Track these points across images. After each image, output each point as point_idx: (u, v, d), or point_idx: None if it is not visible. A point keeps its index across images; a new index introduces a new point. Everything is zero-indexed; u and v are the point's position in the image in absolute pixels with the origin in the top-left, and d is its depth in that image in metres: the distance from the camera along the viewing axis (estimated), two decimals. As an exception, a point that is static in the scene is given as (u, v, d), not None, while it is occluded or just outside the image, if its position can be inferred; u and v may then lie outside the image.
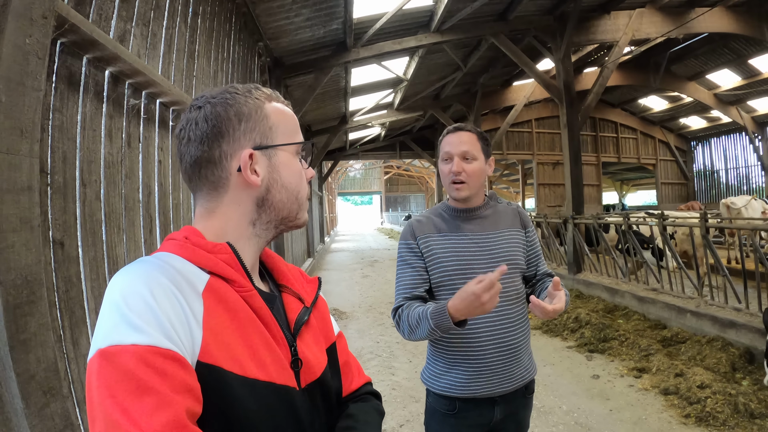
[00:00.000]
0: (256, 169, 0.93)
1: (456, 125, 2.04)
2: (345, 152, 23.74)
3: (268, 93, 1.00)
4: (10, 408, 1.69)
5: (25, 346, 1.74)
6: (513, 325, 1.93)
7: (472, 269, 1.92)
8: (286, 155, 0.99)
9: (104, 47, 2.35)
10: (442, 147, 2.03)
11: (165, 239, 0.93)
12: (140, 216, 2.98)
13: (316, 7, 7.10)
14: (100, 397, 0.67)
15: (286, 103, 1.04)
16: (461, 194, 1.97)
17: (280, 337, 0.92)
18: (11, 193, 1.69)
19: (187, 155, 0.94)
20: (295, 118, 1.04)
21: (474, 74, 14.93)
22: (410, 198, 59.30)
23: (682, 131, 23.35)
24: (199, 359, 0.77)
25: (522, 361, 1.96)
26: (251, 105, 0.95)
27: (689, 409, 4.19)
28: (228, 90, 0.96)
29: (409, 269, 2.00)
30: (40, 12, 1.81)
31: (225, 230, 0.94)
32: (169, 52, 3.48)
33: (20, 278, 1.73)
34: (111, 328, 0.71)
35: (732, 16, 11.68)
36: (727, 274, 5.98)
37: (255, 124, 0.94)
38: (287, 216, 0.99)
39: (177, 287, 0.79)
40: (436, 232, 2.01)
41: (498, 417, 1.94)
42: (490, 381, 1.89)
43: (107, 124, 2.61)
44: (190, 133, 0.93)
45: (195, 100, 0.96)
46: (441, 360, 1.99)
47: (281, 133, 0.98)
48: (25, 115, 1.74)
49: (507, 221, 2.06)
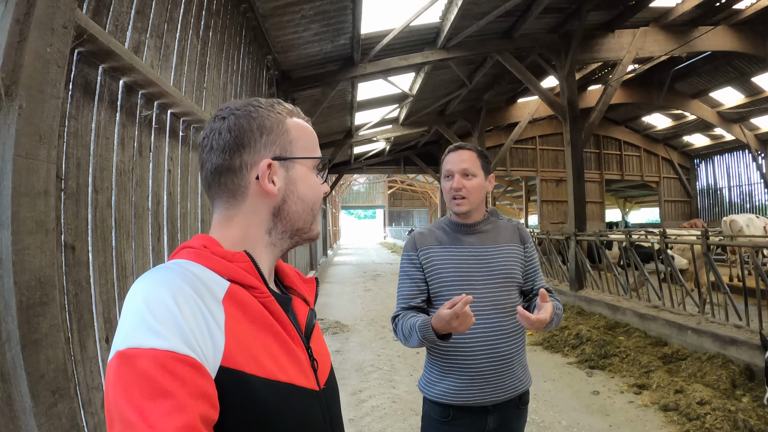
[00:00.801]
0: (274, 179, 0.96)
1: (457, 144, 2.13)
2: (349, 166, 23.79)
3: (290, 108, 1.04)
4: (19, 406, 1.72)
5: (37, 346, 1.77)
6: (506, 337, 1.98)
7: (469, 281, 2.00)
8: (304, 169, 1.01)
9: (120, 58, 2.42)
10: (444, 165, 2.12)
11: (179, 248, 0.95)
12: (149, 224, 3.04)
13: (324, 22, 7.21)
14: (117, 397, 0.68)
15: (306, 119, 1.07)
16: (461, 209, 2.05)
17: (298, 340, 0.95)
18: (28, 197, 1.74)
19: (208, 163, 0.97)
20: (314, 135, 1.08)
21: (479, 91, 15.04)
22: (413, 213, 59.31)
23: (686, 149, 23.39)
24: (222, 364, 0.78)
25: (515, 372, 2.00)
26: (273, 119, 0.98)
27: (689, 425, 4.20)
28: (252, 103, 0.99)
29: (408, 280, 2.10)
30: (61, 22, 1.88)
31: (243, 237, 0.97)
32: (181, 64, 3.56)
33: (34, 279, 1.77)
34: (131, 331, 0.73)
35: (735, 35, 11.80)
36: (728, 291, 6.00)
37: (276, 137, 0.97)
38: (302, 227, 1.02)
39: (198, 294, 0.81)
40: (437, 244, 2.09)
41: (491, 426, 1.99)
42: (483, 390, 1.94)
43: (120, 133, 2.67)
44: (213, 142, 0.96)
45: (220, 111, 0.99)
46: (436, 368, 2.04)
47: (300, 147, 1.01)
48: (44, 122, 1.80)
49: (506, 236, 2.13)
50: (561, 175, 20.22)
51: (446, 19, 9.12)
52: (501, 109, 17.83)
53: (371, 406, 4.93)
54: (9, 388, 1.72)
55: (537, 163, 20.58)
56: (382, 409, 4.85)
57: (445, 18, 9.14)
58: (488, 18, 8.94)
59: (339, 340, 7.85)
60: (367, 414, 4.74)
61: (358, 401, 5.09)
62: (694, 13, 11.25)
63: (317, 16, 6.90)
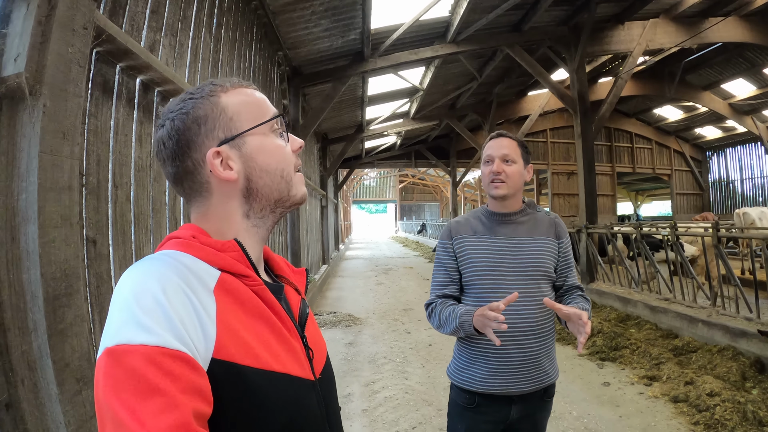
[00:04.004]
0: (230, 163, 0.92)
1: (498, 132, 2.16)
2: (361, 160, 23.91)
3: (223, 84, 0.97)
4: (45, 393, 1.80)
5: (62, 336, 1.85)
6: (535, 329, 1.99)
7: (501, 272, 2.02)
8: (257, 139, 0.96)
9: (137, 56, 2.49)
10: (484, 151, 2.15)
11: (166, 238, 0.93)
12: (166, 218, 3.12)
13: (334, 18, 7.27)
14: (108, 396, 0.67)
15: (247, 84, 1.01)
16: (500, 191, 2.06)
17: (292, 329, 0.93)
18: (54, 192, 1.81)
19: (166, 174, 0.96)
20: (260, 98, 1.01)
21: (489, 84, 15.05)
22: (425, 207, 59.15)
23: (698, 141, 23.23)
24: (214, 356, 0.76)
25: (542, 365, 2.02)
26: (206, 105, 0.93)
27: (698, 416, 4.23)
28: (184, 98, 0.95)
29: (442, 269, 2.15)
30: (81, 23, 1.95)
31: (221, 229, 0.94)
32: (195, 62, 3.63)
33: (59, 271, 1.85)
34: (120, 327, 0.71)
35: (746, 26, 11.71)
36: (738, 284, 6.00)
37: (213, 122, 0.92)
38: (279, 197, 0.98)
39: (188, 285, 0.79)
40: (472, 234, 2.11)
41: (514, 416, 2.01)
42: (507, 380, 1.96)
43: (137, 130, 2.75)
44: (163, 155, 0.93)
45: (158, 119, 0.98)
46: (465, 355, 2.08)
47: (245, 119, 0.95)
48: (68, 119, 1.87)
49: (542, 230, 2.13)
50: (572, 168, 20.15)
51: (455, 12, 9.13)
52: (511, 102, 17.81)
53: (384, 397, 5.00)
54: (35, 377, 1.79)
55: (548, 156, 20.52)
56: (395, 400, 4.92)
57: (455, 12, 9.15)
58: (497, 11, 8.95)
59: (352, 332, 7.92)
60: (381, 405, 4.81)
61: (371, 392, 5.16)
62: (704, 4, 11.17)
63: (327, 11, 6.96)
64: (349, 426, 4.33)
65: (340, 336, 7.66)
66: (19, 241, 1.75)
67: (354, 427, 4.32)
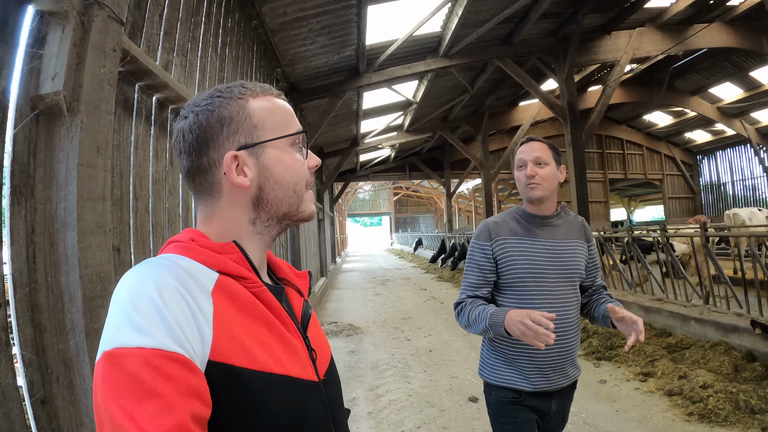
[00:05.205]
0: (245, 169, 0.92)
1: (529, 136, 2.23)
2: (355, 173, 24.08)
3: (253, 89, 0.97)
4: (80, 389, 1.92)
5: (98, 335, 1.96)
6: (571, 328, 2.09)
7: (542, 274, 2.08)
8: (276, 151, 0.95)
9: (156, 76, 2.67)
10: (516, 156, 2.20)
11: (167, 242, 0.93)
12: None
13: (330, 35, 7.49)
14: (105, 399, 0.67)
15: (276, 94, 1.00)
16: (536, 193, 2.11)
17: (294, 329, 0.92)
18: (90, 201, 1.97)
19: (181, 167, 0.96)
20: (287, 110, 1.00)
21: (481, 96, 15.33)
22: (420, 219, 59.16)
23: (688, 145, 23.57)
24: (210, 358, 0.76)
25: (574, 360, 2.15)
26: (233, 107, 0.93)
27: (692, 407, 4.39)
28: (212, 94, 0.95)
29: (477, 270, 2.16)
30: (111, 45, 2.12)
31: (225, 232, 0.94)
32: (203, 80, 3.82)
33: (95, 274, 1.99)
34: (117, 330, 0.71)
35: (730, 31, 12.03)
36: (728, 281, 6.18)
37: (237, 125, 0.92)
38: (288, 211, 0.97)
39: (185, 288, 0.78)
40: (512, 235, 2.14)
41: (553, 408, 2.12)
42: (549, 377, 2.06)
43: (154, 145, 2.93)
44: (180, 146, 0.93)
45: (183, 110, 0.96)
46: (500, 356, 2.14)
47: (269, 128, 0.95)
48: (101, 134, 2.04)
49: (574, 232, 2.20)
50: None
51: (447, 28, 9.39)
52: (503, 113, 18.08)
53: (388, 400, 5.14)
54: (71, 374, 1.92)
55: (540, 165, 20.66)
56: (399, 403, 5.06)
57: (447, 27, 9.41)
58: (488, 25, 9.21)
59: (353, 341, 8.05)
60: (385, 407, 4.95)
61: (375, 396, 5.30)
62: (689, 11, 11.51)
63: (324, 29, 7.17)
64: (356, 428, 4.46)
65: (341, 344, 7.78)
66: (57, 246, 1.88)
67: (361, 429, 4.46)
